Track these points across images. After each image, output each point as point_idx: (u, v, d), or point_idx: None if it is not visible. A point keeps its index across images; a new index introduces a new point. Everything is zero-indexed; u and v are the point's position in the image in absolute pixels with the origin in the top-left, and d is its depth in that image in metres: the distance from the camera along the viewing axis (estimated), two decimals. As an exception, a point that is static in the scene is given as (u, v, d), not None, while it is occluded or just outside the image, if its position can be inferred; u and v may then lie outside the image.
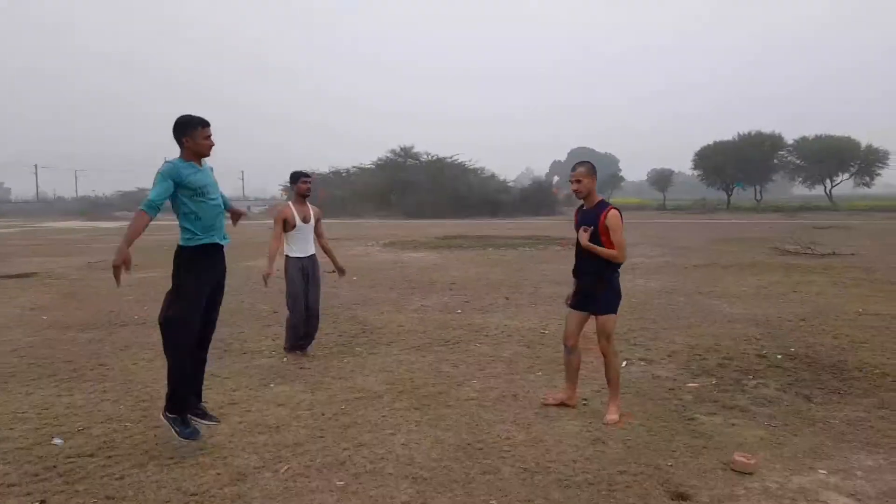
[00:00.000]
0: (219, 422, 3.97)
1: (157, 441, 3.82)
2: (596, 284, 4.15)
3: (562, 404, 4.37)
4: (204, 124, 3.69)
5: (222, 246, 3.84)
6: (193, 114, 3.72)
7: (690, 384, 4.89)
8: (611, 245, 4.06)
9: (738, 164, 52.38)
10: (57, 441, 3.81)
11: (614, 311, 4.18)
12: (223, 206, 3.91)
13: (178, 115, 3.71)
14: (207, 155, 3.77)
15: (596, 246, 4.07)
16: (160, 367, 5.50)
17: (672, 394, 4.68)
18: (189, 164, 3.67)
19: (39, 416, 4.27)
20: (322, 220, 6.13)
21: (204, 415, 3.90)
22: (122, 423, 4.13)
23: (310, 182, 5.91)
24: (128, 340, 6.58)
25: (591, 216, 4.13)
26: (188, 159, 3.68)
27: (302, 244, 5.85)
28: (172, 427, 3.65)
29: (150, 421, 4.17)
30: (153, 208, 3.54)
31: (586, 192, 4.14)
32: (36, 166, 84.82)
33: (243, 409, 4.37)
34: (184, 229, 3.69)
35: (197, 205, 3.66)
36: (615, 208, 4.09)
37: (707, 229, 26.31)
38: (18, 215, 57.35)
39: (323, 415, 4.28)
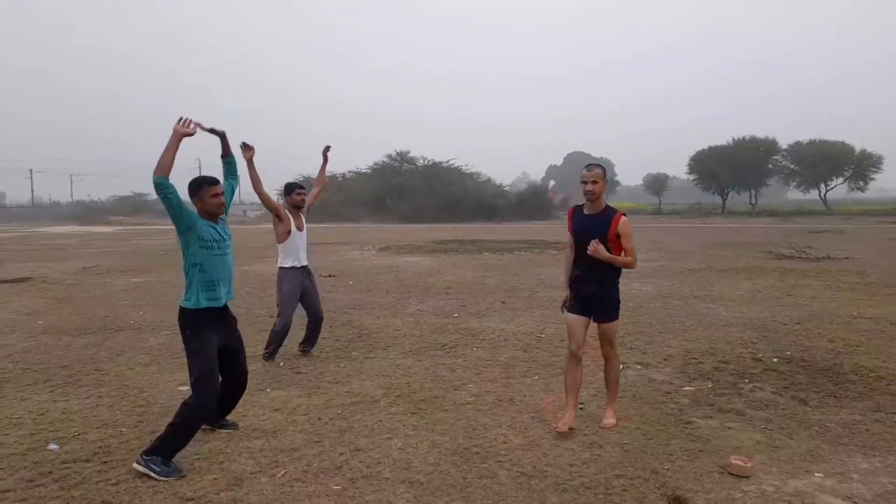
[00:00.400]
0: (237, 427, 4.08)
1: (153, 446, 3.81)
2: (602, 291, 4.05)
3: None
4: (210, 183, 3.69)
5: (224, 307, 3.79)
6: (204, 174, 3.76)
7: (687, 388, 4.90)
8: (619, 251, 3.96)
9: (733, 168, 52.62)
10: (52, 446, 3.79)
11: (618, 316, 4.13)
12: (231, 264, 3.82)
13: (192, 178, 3.73)
14: (219, 213, 3.74)
15: (615, 256, 3.93)
16: (156, 372, 5.51)
17: (668, 397, 4.69)
18: (204, 220, 3.68)
19: (35, 422, 4.24)
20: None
21: (223, 425, 4.05)
22: (117, 429, 4.11)
23: (303, 194, 5.93)
24: (123, 345, 6.55)
25: (600, 222, 3.98)
26: (203, 217, 3.69)
27: (297, 253, 5.82)
28: (150, 469, 3.38)
29: (145, 426, 4.16)
30: (170, 183, 3.44)
31: (600, 193, 3.98)
32: (31, 171, 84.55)
33: (240, 414, 4.34)
34: (188, 287, 3.63)
35: (205, 255, 3.61)
36: (624, 214, 4.02)
37: (702, 233, 26.40)
38: (13, 220, 57.18)
39: (319, 419, 4.27)
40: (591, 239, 3.93)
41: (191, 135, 3.59)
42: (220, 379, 3.74)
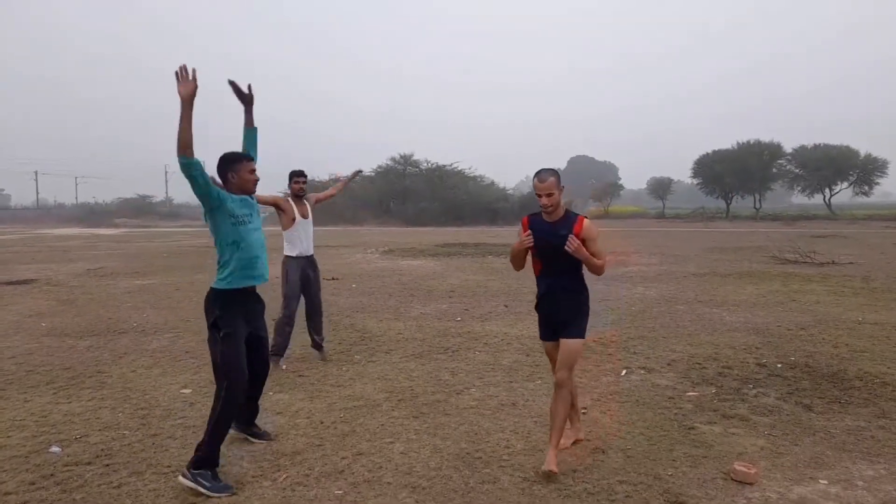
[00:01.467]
0: (272, 438, 3.91)
1: (156, 449, 3.81)
2: (572, 302, 3.68)
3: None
4: (248, 159, 3.63)
5: (255, 288, 3.68)
6: (238, 151, 3.67)
7: (690, 393, 4.88)
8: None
9: (737, 172, 52.47)
10: (54, 449, 3.79)
11: (584, 336, 3.67)
12: (264, 239, 3.73)
13: (223, 153, 3.62)
14: (252, 191, 3.66)
15: (592, 258, 3.55)
16: (158, 374, 5.51)
17: (672, 402, 4.67)
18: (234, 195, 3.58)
19: (37, 424, 4.25)
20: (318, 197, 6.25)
21: (259, 435, 3.92)
22: (119, 432, 4.11)
23: (303, 182, 5.92)
24: (126, 348, 6.56)
25: (560, 230, 3.59)
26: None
27: (302, 242, 5.84)
28: (200, 484, 3.24)
29: (147, 429, 4.16)
30: (196, 161, 3.27)
31: (557, 204, 3.61)
32: (36, 173, 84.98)
33: (242, 417, 4.34)
34: (223, 267, 3.50)
35: (238, 231, 3.50)
36: (586, 217, 3.68)
37: (706, 238, 26.35)
38: (18, 222, 57.39)
39: (321, 423, 4.27)
40: (557, 248, 3.57)
41: (196, 88, 3.25)
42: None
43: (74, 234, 36.52)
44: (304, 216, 5.87)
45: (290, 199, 5.88)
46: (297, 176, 5.90)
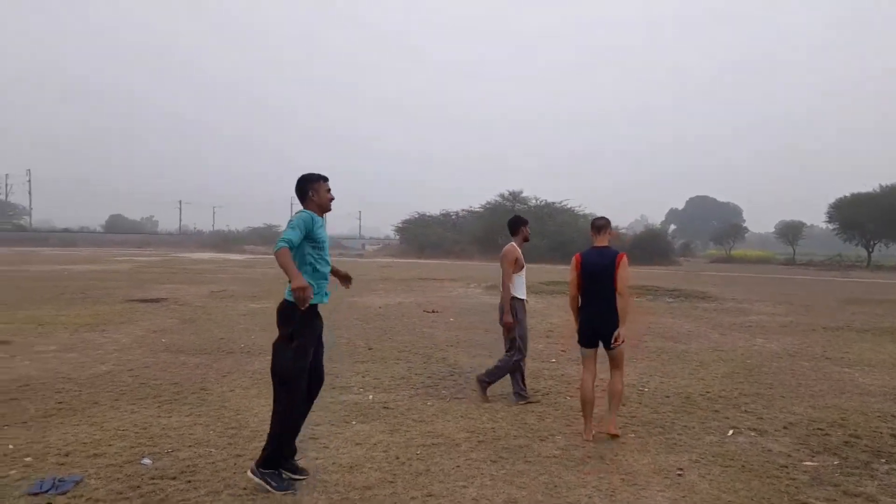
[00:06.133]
0: (307, 475, 3.84)
1: (236, 470, 3.90)
2: None
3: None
4: (325, 179, 3.96)
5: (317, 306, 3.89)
6: (316, 172, 3.96)
7: (807, 462, 4.31)
8: None
9: (881, 218, 47.48)
10: (146, 461, 4.00)
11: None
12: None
13: (302, 174, 3.93)
14: (329, 209, 3.97)
15: None
16: (254, 395, 5.72)
17: (784, 472, 4.13)
18: (317, 217, 3.85)
19: (137, 435, 4.52)
20: None
21: (295, 469, 3.85)
22: (207, 449, 4.27)
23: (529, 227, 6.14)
24: (230, 367, 6.90)
25: None
26: (315, 212, 3.87)
27: (524, 285, 6.01)
28: (268, 482, 3.58)
29: (233, 448, 4.29)
30: (293, 246, 3.67)
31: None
32: (180, 202, 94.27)
33: (321, 445, 4.37)
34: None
35: (317, 257, 3.81)
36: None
37: (842, 288, 23.90)
38: (163, 246, 63.85)
39: (397, 458, 4.19)
40: None
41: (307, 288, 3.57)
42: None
43: (207, 258, 39.74)
44: (523, 263, 6.02)
45: (517, 247, 6.03)
46: (526, 222, 6.12)
